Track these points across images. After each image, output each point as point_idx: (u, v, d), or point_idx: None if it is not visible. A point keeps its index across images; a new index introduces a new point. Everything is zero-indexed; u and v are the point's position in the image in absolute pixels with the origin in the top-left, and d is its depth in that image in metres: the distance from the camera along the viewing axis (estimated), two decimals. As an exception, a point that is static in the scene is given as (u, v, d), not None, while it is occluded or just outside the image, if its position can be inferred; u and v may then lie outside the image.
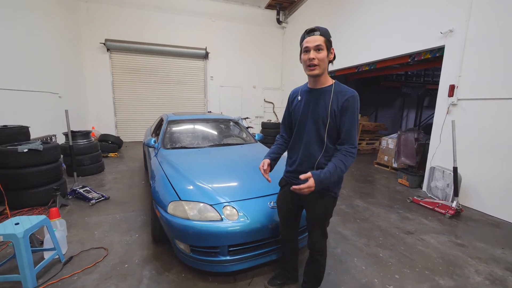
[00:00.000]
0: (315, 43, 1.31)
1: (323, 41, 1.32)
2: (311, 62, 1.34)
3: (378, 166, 5.69)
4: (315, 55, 1.32)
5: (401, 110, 12.87)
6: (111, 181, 4.28)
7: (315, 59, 1.32)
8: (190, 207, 1.86)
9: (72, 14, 6.95)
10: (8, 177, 2.97)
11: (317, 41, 1.31)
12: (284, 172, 1.71)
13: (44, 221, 1.99)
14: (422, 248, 2.45)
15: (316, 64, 1.34)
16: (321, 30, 1.33)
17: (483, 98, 3.35)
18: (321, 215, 1.53)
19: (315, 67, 1.35)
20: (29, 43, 4.88)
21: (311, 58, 1.33)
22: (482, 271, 2.13)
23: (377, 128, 7.59)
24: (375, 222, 2.99)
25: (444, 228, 2.88)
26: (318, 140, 1.44)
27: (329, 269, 2.09)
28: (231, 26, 8.90)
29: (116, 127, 8.34)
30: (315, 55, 1.32)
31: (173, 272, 2.01)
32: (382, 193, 4.03)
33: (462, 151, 3.47)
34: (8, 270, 1.99)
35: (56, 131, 5.37)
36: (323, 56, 1.33)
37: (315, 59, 1.32)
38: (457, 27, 3.62)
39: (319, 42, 1.31)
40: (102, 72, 7.83)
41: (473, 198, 3.47)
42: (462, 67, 3.57)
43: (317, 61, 1.33)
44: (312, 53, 1.32)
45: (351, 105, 1.35)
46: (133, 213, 3.06)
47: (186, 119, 3.74)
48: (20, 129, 3.54)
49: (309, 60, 1.33)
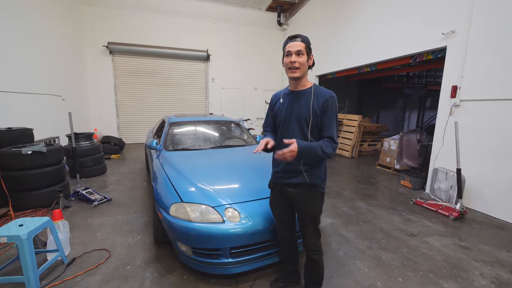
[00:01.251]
0: (296, 48, 1.44)
1: (303, 47, 1.44)
2: (292, 65, 1.45)
3: (380, 168, 5.66)
4: (296, 58, 1.44)
5: (403, 111, 12.81)
6: (113, 182, 4.30)
7: (296, 62, 1.44)
8: (192, 209, 1.87)
9: (75, 17, 7.03)
10: (12, 179, 3.00)
11: (298, 46, 1.44)
12: (272, 173, 1.74)
13: (48, 223, 2.01)
14: (425, 251, 2.43)
15: (297, 67, 1.45)
16: (302, 37, 1.46)
17: (486, 99, 3.33)
18: (313, 212, 1.58)
19: (296, 70, 1.46)
20: (33, 46, 4.94)
21: (292, 61, 1.45)
22: (487, 274, 2.11)
23: (378, 130, 7.56)
24: (377, 224, 2.97)
25: (448, 230, 2.86)
26: (302, 138, 1.51)
27: (331, 271, 2.08)
28: (232, 28, 8.95)
29: (118, 129, 8.39)
30: (296, 59, 1.44)
31: (175, 274, 2.01)
32: (384, 195, 4.00)
33: (466, 152, 3.45)
34: (12, 272, 2.00)
35: (59, 133, 5.41)
36: (304, 61, 1.45)
37: (296, 62, 1.44)
38: (459, 28, 3.61)
39: (300, 48, 1.43)
40: (105, 74, 7.89)
41: (477, 200, 3.44)
42: (464, 68, 3.55)
43: (298, 64, 1.45)
44: (293, 56, 1.44)
45: (330, 105, 1.47)
46: (135, 214, 3.07)
47: (187, 121, 3.75)
48: (24, 131, 3.56)
49: (291, 63, 1.45)
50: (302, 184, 1.54)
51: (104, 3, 7.57)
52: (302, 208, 1.59)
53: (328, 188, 4.15)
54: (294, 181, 1.55)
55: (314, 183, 1.53)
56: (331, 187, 4.28)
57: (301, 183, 1.53)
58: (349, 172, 5.40)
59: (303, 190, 1.55)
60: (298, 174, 1.53)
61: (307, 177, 1.51)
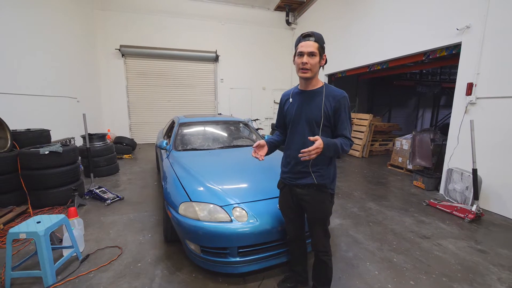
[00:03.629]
0: (309, 49, 1.39)
1: (316, 47, 1.39)
2: (304, 66, 1.41)
3: (391, 168, 5.52)
4: (308, 60, 1.40)
5: (416, 109, 12.45)
6: (125, 182, 4.42)
7: (308, 63, 1.40)
8: (200, 208, 1.89)
9: (89, 22, 7.27)
10: (31, 178, 3.14)
11: (311, 47, 1.39)
12: (280, 174, 1.73)
13: (63, 220, 2.09)
14: (439, 254, 2.35)
15: (308, 68, 1.41)
16: (316, 36, 1.40)
17: (504, 97, 3.18)
18: (321, 213, 1.56)
19: (307, 71, 1.42)
20: (49, 51, 5.16)
21: (304, 62, 1.40)
22: (505, 279, 2.02)
23: (390, 129, 7.38)
24: (388, 225, 2.90)
25: (463, 233, 2.76)
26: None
27: (340, 273, 2.05)
28: (240, 28, 8.99)
29: (130, 129, 8.61)
30: (308, 60, 1.40)
31: (184, 272, 2.05)
32: (396, 195, 3.91)
33: (482, 152, 3.31)
34: (30, 266, 2.10)
35: (75, 134, 5.62)
36: (316, 62, 1.41)
37: (308, 64, 1.40)
38: (474, 23, 3.47)
39: (313, 49, 1.39)
40: (117, 76, 8.13)
41: (494, 201, 3.29)
42: (480, 64, 3.41)
43: (310, 65, 1.40)
44: (305, 57, 1.40)
45: (342, 106, 1.44)
46: (146, 213, 3.15)
47: (197, 121, 3.80)
48: (41, 133, 3.73)
49: (302, 64, 1.41)
50: (311, 185, 1.52)
51: (116, 7, 7.79)
52: (310, 209, 1.56)
53: (338, 189, 4.09)
54: (302, 182, 1.53)
55: (323, 184, 1.50)
56: (341, 187, 4.22)
57: (309, 184, 1.51)
58: (359, 172, 5.30)
59: (312, 191, 1.53)
60: (306, 175, 1.51)
61: (315, 178, 1.49)
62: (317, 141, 1.28)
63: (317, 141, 1.28)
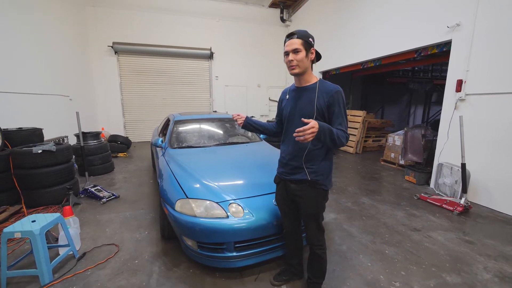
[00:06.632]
0: (292, 47, 1.44)
1: (300, 43, 1.43)
2: (290, 64, 1.47)
3: (384, 163, 5.63)
4: (294, 57, 1.45)
5: (408, 106, 12.64)
6: (120, 180, 4.40)
7: (294, 60, 1.45)
8: (197, 204, 1.92)
9: (80, 18, 7.12)
10: (24, 177, 3.10)
11: (294, 44, 1.44)
12: (277, 169, 1.77)
13: (59, 219, 2.09)
14: (429, 245, 2.44)
15: (295, 64, 1.46)
16: (299, 34, 1.45)
17: (492, 93, 3.28)
18: (314, 209, 1.59)
19: (295, 67, 1.47)
20: (40, 48, 5.05)
21: (290, 60, 1.46)
22: (491, 268, 2.11)
23: (383, 125, 7.50)
24: (381, 219, 2.98)
25: (452, 225, 2.85)
26: None
27: (334, 265, 2.11)
28: (235, 25, 8.94)
29: (125, 127, 8.51)
30: (294, 57, 1.45)
31: (182, 268, 2.08)
32: (389, 190, 4.00)
33: (471, 147, 3.42)
34: (26, 265, 2.09)
35: (68, 133, 5.54)
36: (301, 57, 1.45)
37: (294, 61, 1.45)
38: (464, 21, 3.55)
39: (296, 46, 1.43)
40: (110, 74, 8.00)
41: (482, 194, 3.41)
42: (470, 61, 3.50)
43: (296, 62, 1.45)
44: (290, 55, 1.46)
45: (336, 100, 1.46)
46: (142, 211, 3.15)
47: (192, 119, 3.80)
48: (34, 131, 3.67)
49: (289, 62, 1.47)
50: (304, 181, 1.54)
51: (108, 4, 7.64)
52: (304, 205, 1.59)
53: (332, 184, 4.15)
54: (296, 177, 1.57)
55: (315, 180, 1.52)
56: (335, 182, 4.29)
57: (303, 179, 1.54)
58: (353, 168, 5.39)
59: (305, 187, 1.55)
60: (300, 170, 1.54)
61: (308, 174, 1.52)
62: (311, 122, 1.24)
63: (311, 122, 1.24)
